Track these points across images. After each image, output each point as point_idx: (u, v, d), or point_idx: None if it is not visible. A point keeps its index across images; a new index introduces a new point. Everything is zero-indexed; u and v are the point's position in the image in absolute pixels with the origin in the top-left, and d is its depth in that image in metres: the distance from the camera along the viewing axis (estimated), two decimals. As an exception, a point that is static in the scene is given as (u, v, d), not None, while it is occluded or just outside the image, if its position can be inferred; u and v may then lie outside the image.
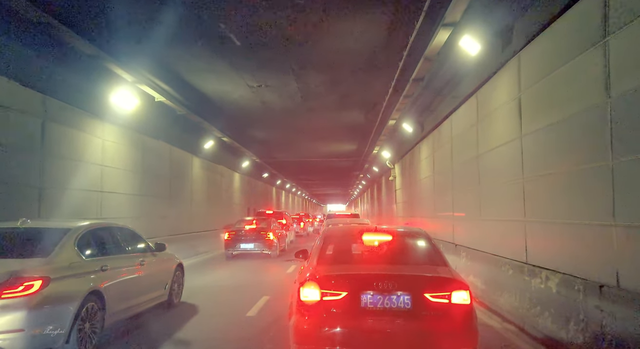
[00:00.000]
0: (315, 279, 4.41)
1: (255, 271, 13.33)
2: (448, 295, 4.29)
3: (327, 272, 4.61)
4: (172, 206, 16.30)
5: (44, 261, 4.92)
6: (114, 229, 6.67)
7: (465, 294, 4.34)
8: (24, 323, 4.41)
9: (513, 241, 7.72)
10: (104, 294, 5.51)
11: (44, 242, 5.28)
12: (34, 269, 4.73)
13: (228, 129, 19.01)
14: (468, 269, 9.98)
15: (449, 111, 11.95)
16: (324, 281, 4.40)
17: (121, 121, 12.19)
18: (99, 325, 5.42)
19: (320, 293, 4.32)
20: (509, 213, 7.92)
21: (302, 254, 5.94)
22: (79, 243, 5.50)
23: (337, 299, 4.30)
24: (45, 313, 4.61)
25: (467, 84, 10.04)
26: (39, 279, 4.62)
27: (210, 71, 11.63)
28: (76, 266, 5.26)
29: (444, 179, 13.05)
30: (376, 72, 11.82)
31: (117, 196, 12.31)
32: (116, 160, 12.27)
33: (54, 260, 5.01)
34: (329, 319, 4.28)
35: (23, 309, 4.42)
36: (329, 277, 4.47)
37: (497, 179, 8.51)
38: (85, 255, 5.54)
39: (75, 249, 5.40)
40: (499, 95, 8.34)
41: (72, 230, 5.57)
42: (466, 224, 10.80)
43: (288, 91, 13.45)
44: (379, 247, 5.13)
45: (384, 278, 4.37)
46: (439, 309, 4.29)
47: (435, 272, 4.74)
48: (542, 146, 6.61)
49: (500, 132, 8.25)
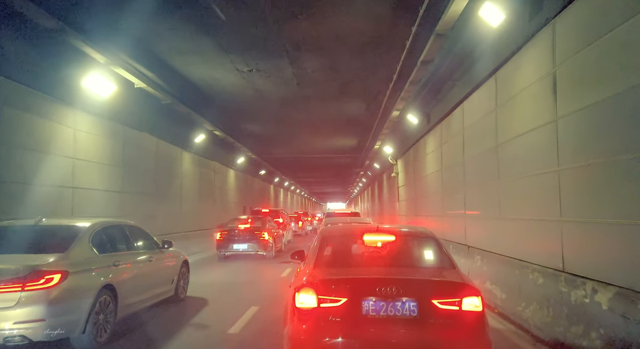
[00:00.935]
0: (312, 284, 4.12)
1: (246, 275, 12.20)
2: (458, 301, 3.98)
3: (325, 276, 4.32)
4: (159, 204, 15.14)
5: (62, 257, 5.24)
6: (124, 227, 6.97)
7: (476, 300, 4.03)
8: (45, 313, 4.75)
9: (544, 244, 6.56)
10: (117, 288, 5.85)
11: (60, 239, 5.60)
12: (54, 263, 5.05)
13: (220, 121, 17.81)
14: (484, 274, 8.89)
15: (461, 98, 10.78)
16: (322, 285, 4.11)
17: (96, 110, 11.00)
18: (112, 317, 5.77)
19: (318, 299, 4.03)
20: (538, 211, 6.74)
21: (299, 256, 5.62)
22: (93, 240, 5.84)
23: (336, 305, 4.01)
24: (63, 304, 4.95)
25: (484, 64, 8.85)
26: (58, 273, 4.95)
27: (195, 53, 10.40)
28: (91, 262, 5.62)
29: (454, 174, 11.89)
30: (380, 55, 10.63)
31: (93, 193, 11.14)
32: (92, 153, 11.09)
33: (71, 256, 5.35)
34: (327, 328, 3.98)
35: (44, 301, 4.76)
36: (327, 281, 4.18)
37: (522, 172, 7.32)
38: (99, 251, 5.87)
39: (90, 245, 5.75)
40: (525, 73, 7.15)
41: (86, 228, 5.90)
42: (481, 223, 9.63)
43: (282, 77, 12.22)
44: (381, 249, 4.82)
45: (388, 282, 4.06)
46: (448, 316, 3.98)
47: (444, 276, 4.47)
48: (587, 129, 5.42)
49: (528, 116, 7.06)
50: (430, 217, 15.08)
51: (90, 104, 10.57)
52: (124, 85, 11.13)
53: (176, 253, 8.30)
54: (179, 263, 8.25)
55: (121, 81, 10.81)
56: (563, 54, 5.93)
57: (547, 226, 6.40)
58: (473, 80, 9.69)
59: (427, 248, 5.10)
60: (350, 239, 5.20)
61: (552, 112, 6.18)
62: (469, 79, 10.02)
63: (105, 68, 9.81)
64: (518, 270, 7.27)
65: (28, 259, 5.05)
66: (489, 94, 8.83)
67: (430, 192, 15.05)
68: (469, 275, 9.67)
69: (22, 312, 4.70)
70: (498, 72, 8.32)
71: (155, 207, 14.58)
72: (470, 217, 10.52)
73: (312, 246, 5.10)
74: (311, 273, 4.42)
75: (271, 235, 16.43)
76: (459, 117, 11.16)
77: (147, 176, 14.63)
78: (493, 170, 8.66)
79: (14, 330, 4.67)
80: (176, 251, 8.34)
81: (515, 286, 7.30)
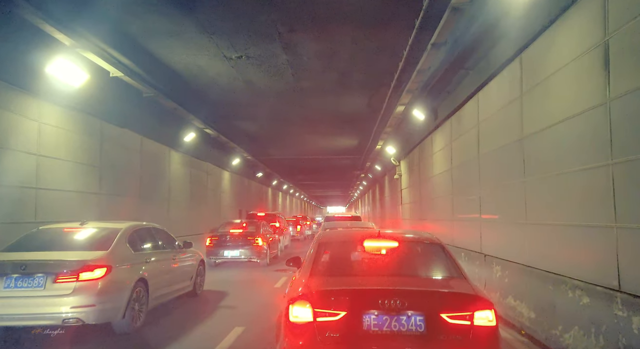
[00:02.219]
0: (308, 296, 3.84)
1: (236, 285, 10.98)
2: (470, 315, 3.72)
3: (322, 286, 4.05)
4: (144, 207, 13.93)
5: (106, 253, 6.12)
6: (152, 229, 7.98)
7: (490, 313, 3.77)
8: (95, 299, 5.65)
9: (589, 255, 5.38)
10: (148, 281, 6.75)
11: (102, 239, 6.48)
12: (100, 259, 5.92)
13: (211, 118, 16.61)
14: (505, 287, 7.79)
15: (475, 88, 9.63)
16: (318, 297, 3.83)
17: (67, 101, 9.81)
18: (145, 306, 6.70)
19: (314, 312, 3.75)
20: (581, 215, 5.55)
21: (294, 262, 5.37)
22: (129, 240, 6.76)
23: (334, 320, 3.74)
24: (109, 293, 5.82)
25: (506, 45, 7.68)
26: (105, 266, 5.84)
27: (175, 35, 9.17)
28: (128, 258, 6.53)
29: (466, 173, 10.73)
30: (384, 39, 9.42)
31: (63, 195, 9.94)
32: (61, 149, 9.90)
33: (112, 253, 6.22)
34: (324, 345, 3.71)
35: (94, 290, 5.67)
36: (324, 293, 3.91)
37: (557, 168, 6.14)
38: (134, 250, 6.80)
39: (126, 244, 6.65)
40: (561, 50, 5.96)
41: (123, 229, 6.81)
42: (501, 229, 8.45)
43: (276, 66, 11.00)
44: (384, 257, 4.55)
45: (391, 294, 3.79)
46: (458, 332, 3.70)
47: (453, 287, 4.19)
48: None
49: (565, 101, 5.87)
50: (437, 221, 13.92)
51: (58, 95, 9.37)
52: (98, 74, 9.94)
53: (194, 253, 9.33)
54: (196, 261, 9.31)
55: (94, 69, 9.61)
56: (618, 17, 4.74)
57: (595, 233, 5.20)
58: (491, 66, 8.53)
59: (434, 256, 4.73)
60: (350, 246, 4.89)
61: (602, 92, 4.99)
62: (485, 65, 8.85)
63: (72, 52, 8.61)
64: (552, 285, 6.16)
65: (79, 256, 6.00)
66: (512, 80, 7.66)
67: (437, 194, 13.90)
68: (486, 288, 8.54)
69: (77, 298, 5.62)
70: (524, 53, 7.15)
71: (138, 211, 13.38)
72: (487, 221, 9.35)
73: (309, 253, 4.75)
74: (307, 283, 4.10)
75: (265, 241, 15.35)
76: (473, 109, 10.00)
77: (130, 176, 13.44)
78: (517, 167, 7.48)
79: (70, 313, 5.58)
80: (194, 251, 9.37)
81: (547, 303, 6.20)
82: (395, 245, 4.56)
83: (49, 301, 5.59)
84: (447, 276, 4.45)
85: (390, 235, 4.81)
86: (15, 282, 5.60)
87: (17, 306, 5.53)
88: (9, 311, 5.53)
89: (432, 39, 8.34)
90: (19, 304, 5.53)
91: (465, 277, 4.31)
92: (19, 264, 5.66)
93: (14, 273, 5.61)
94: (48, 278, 5.64)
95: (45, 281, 5.62)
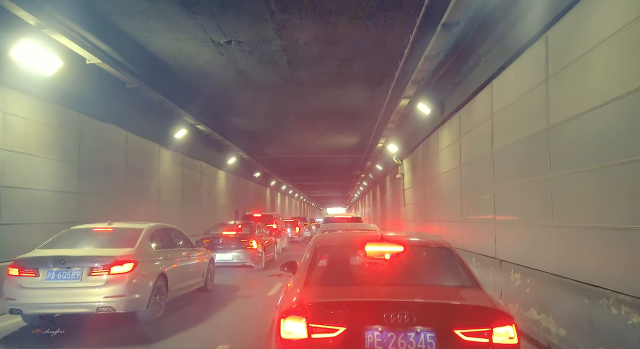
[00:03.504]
0: (302, 309, 3.39)
1: (224, 292, 10.02)
2: (488, 332, 3.24)
3: (319, 298, 3.59)
4: (129, 207, 13.02)
5: (133, 250, 6.82)
6: (169, 229, 8.62)
7: (510, 329, 3.27)
8: (124, 290, 6.35)
9: (636, 264, 4.46)
10: (167, 276, 7.47)
11: (128, 237, 7.18)
12: (129, 254, 6.64)
13: (203, 114, 15.67)
14: (526, 298, 6.93)
15: (489, 76, 8.76)
16: (314, 310, 3.38)
17: (38, 91, 8.90)
18: (164, 298, 7.41)
19: (309, 327, 3.29)
20: (627, 216, 4.65)
21: (289, 267, 4.95)
22: (151, 239, 7.47)
23: (332, 336, 3.28)
24: (136, 285, 6.54)
25: (528, 23, 6.75)
26: (132, 261, 6.56)
27: (154, 14, 8.16)
28: (150, 255, 7.28)
29: (477, 170, 9.83)
30: (389, 19, 8.49)
31: (35, 194, 9.04)
32: (32, 144, 8.98)
33: (138, 250, 6.93)
34: None
35: (123, 282, 6.37)
36: (320, 305, 3.46)
37: (594, 160, 5.23)
38: (155, 247, 7.51)
39: (149, 242, 7.38)
40: (604, 19, 5.05)
41: (146, 229, 7.47)
42: (521, 231, 7.55)
43: (269, 53, 10.03)
44: (388, 263, 4.14)
45: (398, 306, 3.31)
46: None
47: (467, 298, 3.69)
48: None
49: (608, 81, 4.96)
50: (444, 223, 13.03)
51: (27, 83, 8.47)
52: (73, 61, 9.00)
53: (204, 251, 9.92)
54: (207, 259, 9.83)
55: (68, 55, 8.69)
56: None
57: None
58: (509, 50, 7.63)
59: (443, 262, 4.24)
60: (350, 250, 4.44)
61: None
62: (502, 49, 7.95)
63: (40, 34, 7.69)
64: (587, 298, 5.31)
65: (109, 252, 6.59)
66: (536, 62, 6.75)
67: (444, 194, 13.01)
68: (502, 298, 7.62)
69: (109, 289, 6.22)
70: (551, 30, 6.25)
71: (124, 212, 12.46)
72: (502, 223, 8.45)
73: (304, 259, 4.33)
74: (301, 294, 3.72)
75: (261, 243, 14.41)
76: (486, 99, 9.10)
77: (114, 175, 12.52)
78: (541, 161, 6.58)
79: (102, 302, 6.17)
80: (205, 249, 10.16)
81: (581, 319, 5.31)
82: (401, 249, 4.10)
83: (85, 291, 6.22)
84: (458, 285, 3.98)
85: (395, 238, 4.35)
86: (56, 274, 6.23)
87: (57, 296, 6.16)
88: (51, 300, 6.16)
89: (442, 18, 7.43)
90: (58, 294, 6.17)
91: (479, 286, 3.86)
92: (59, 258, 6.28)
93: (55, 266, 6.24)
94: (84, 270, 6.25)
95: (82, 274, 6.25)
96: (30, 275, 6.21)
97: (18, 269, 6.24)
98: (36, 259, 6.37)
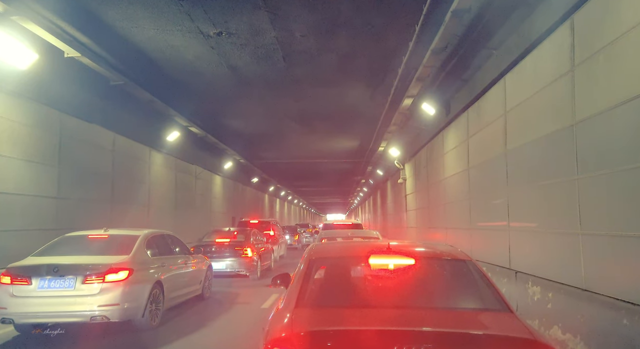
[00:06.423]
0: (291, 339, 2.73)
1: (213, 305, 9.25)
2: None
3: (312, 324, 2.95)
4: (117, 213, 12.31)
5: (128, 257, 6.70)
6: (166, 236, 8.61)
7: None
8: (119, 299, 6.22)
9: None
10: (164, 284, 7.39)
11: (123, 244, 7.08)
12: (124, 262, 6.52)
13: (197, 115, 14.97)
14: (549, 315, 6.29)
15: (501, 70, 8.07)
16: (307, 341, 2.71)
17: (11, 86, 8.21)
18: (161, 306, 7.31)
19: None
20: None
21: (282, 280, 4.41)
22: (146, 246, 7.40)
23: None
24: (131, 294, 6.40)
25: (550, 8, 6.06)
26: (127, 269, 6.42)
27: (136, 1, 7.48)
28: (146, 262, 7.16)
29: (488, 173, 9.12)
30: (394, 6, 7.79)
31: (6, 198, 8.30)
32: (3, 144, 8.26)
33: (133, 257, 6.80)
34: None
35: (118, 290, 6.24)
36: (314, 335, 2.80)
37: (634, 159, 4.50)
38: (151, 255, 7.43)
39: (145, 249, 7.29)
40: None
41: (141, 236, 7.40)
42: (540, 240, 6.82)
43: (263, 46, 9.29)
44: (396, 279, 3.43)
45: (412, 337, 2.69)
46: None
47: (498, 326, 2.92)
48: None
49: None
50: (450, 229, 12.28)
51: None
52: (50, 54, 8.30)
53: (202, 259, 9.83)
54: (205, 267, 9.78)
55: (43, 47, 7.99)
56: None
57: None
58: (526, 39, 6.93)
59: (464, 278, 3.53)
60: (350, 263, 3.83)
61: None
62: (517, 40, 7.26)
63: (10, 22, 6.98)
64: (627, 319, 4.61)
65: (104, 259, 6.50)
66: (559, 50, 6.04)
67: (450, 200, 12.28)
68: (517, 312, 6.95)
69: (103, 298, 6.16)
70: (577, 12, 5.54)
71: (111, 217, 11.75)
72: (518, 230, 7.72)
73: (297, 273, 3.68)
74: (291, 319, 3.05)
75: (256, 251, 13.65)
76: (498, 96, 8.40)
77: (100, 179, 11.80)
78: (566, 161, 5.85)
79: (97, 311, 6.11)
80: (202, 257, 9.94)
81: (620, 343, 4.62)
82: (412, 263, 3.48)
83: (78, 300, 6.09)
84: (483, 307, 3.31)
85: (403, 249, 3.73)
86: (49, 283, 6.10)
87: (50, 305, 6.04)
88: (43, 309, 6.02)
89: (452, 4, 6.72)
90: (51, 303, 6.04)
91: (510, 309, 3.14)
92: (52, 266, 6.15)
93: (48, 274, 6.10)
94: (78, 279, 6.13)
95: (75, 282, 6.12)
96: (23, 283, 6.08)
97: (10, 278, 6.10)
98: (29, 267, 6.24)
